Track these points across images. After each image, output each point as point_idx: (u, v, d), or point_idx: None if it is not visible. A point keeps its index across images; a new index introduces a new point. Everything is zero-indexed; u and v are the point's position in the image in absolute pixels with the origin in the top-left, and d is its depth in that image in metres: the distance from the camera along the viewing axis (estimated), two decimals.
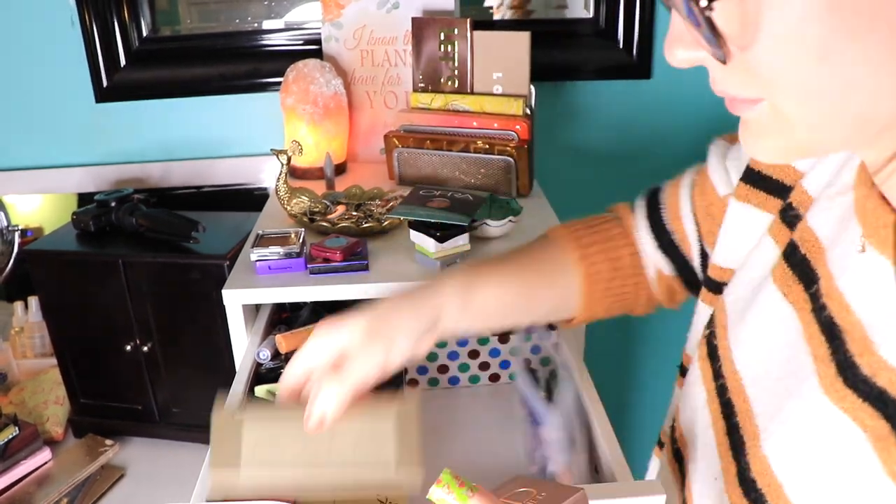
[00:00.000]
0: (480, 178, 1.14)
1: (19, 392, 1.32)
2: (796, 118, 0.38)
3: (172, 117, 1.39)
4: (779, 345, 0.50)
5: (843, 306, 0.44)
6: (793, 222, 0.53)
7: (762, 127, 0.40)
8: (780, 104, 0.38)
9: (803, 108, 0.37)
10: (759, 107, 0.39)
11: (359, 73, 1.31)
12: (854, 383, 0.41)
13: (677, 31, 0.40)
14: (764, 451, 0.48)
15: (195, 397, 1.23)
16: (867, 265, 0.43)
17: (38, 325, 1.36)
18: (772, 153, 0.41)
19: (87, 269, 1.17)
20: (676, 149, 1.46)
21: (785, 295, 0.50)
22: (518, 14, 1.42)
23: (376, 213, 1.07)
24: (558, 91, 1.41)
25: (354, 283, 0.91)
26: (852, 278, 0.44)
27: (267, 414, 0.61)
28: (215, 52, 1.36)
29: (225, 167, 1.41)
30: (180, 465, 1.22)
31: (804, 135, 0.39)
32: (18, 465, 1.17)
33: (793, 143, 0.40)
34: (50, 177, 1.40)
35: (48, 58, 1.34)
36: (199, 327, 1.16)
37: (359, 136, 1.34)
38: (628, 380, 1.68)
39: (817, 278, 0.47)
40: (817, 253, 0.48)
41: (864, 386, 0.41)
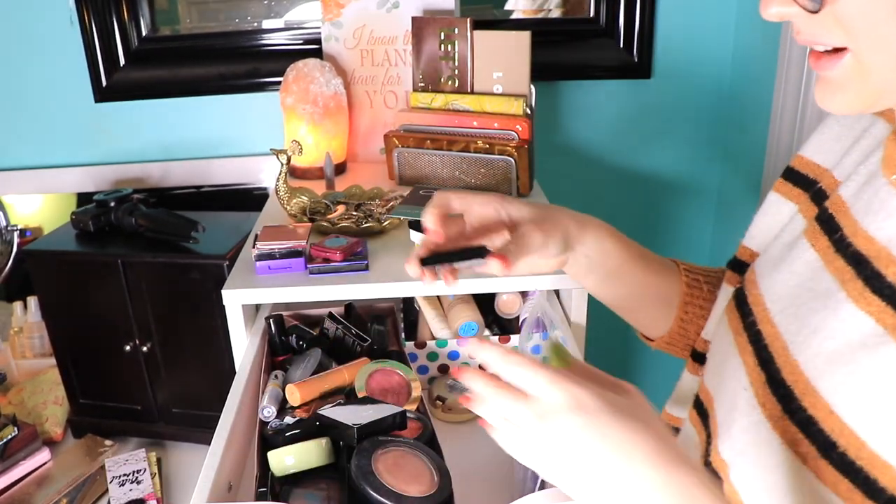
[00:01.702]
0: (480, 178, 1.14)
1: (18, 392, 1.32)
2: (873, 66, 0.45)
3: (172, 117, 1.39)
4: (804, 279, 0.57)
5: (867, 239, 0.52)
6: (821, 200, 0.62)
7: (842, 81, 0.48)
8: (861, 52, 0.45)
9: (880, 56, 0.45)
10: (842, 62, 0.47)
11: (359, 72, 1.31)
12: (880, 289, 0.49)
13: None
14: (795, 358, 0.54)
15: (195, 397, 1.22)
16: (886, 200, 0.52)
17: (38, 325, 1.36)
18: (846, 105, 0.49)
19: (87, 269, 1.17)
20: (676, 149, 1.46)
21: (812, 245, 0.59)
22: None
23: (376, 213, 1.07)
24: (558, 91, 1.41)
25: (354, 283, 0.90)
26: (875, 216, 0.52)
27: None
28: (215, 52, 1.36)
29: (224, 167, 1.41)
30: (180, 465, 1.22)
31: (877, 85, 0.46)
32: (17, 465, 1.17)
33: (865, 93, 0.47)
34: (49, 177, 1.40)
35: (47, 57, 1.34)
36: (198, 327, 1.16)
37: (359, 135, 1.34)
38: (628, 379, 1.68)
39: (841, 228, 0.56)
40: (842, 210, 0.57)
41: (888, 291, 0.48)
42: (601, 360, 1.32)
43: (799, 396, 0.53)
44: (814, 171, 0.66)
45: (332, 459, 0.77)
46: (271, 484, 0.74)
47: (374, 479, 0.68)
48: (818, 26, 0.46)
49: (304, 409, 0.85)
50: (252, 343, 0.94)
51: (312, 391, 0.87)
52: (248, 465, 0.85)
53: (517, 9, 1.41)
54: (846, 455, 0.48)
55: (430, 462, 0.73)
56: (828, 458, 0.49)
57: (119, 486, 1.14)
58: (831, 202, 0.59)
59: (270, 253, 0.92)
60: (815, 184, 0.65)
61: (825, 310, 0.53)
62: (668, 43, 1.38)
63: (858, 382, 0.48)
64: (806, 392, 0.52)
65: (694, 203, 1.52)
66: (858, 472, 0.47)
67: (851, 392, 0.49)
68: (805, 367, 0.53)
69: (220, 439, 0.75)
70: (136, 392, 1.24)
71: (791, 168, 0.68)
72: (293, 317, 1.08)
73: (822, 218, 0.59)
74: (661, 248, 1.58)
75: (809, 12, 0.45)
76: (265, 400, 0.85)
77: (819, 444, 0.50)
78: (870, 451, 0.46)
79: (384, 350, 1.01)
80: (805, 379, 0.53)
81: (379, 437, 0.74)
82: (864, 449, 0.47)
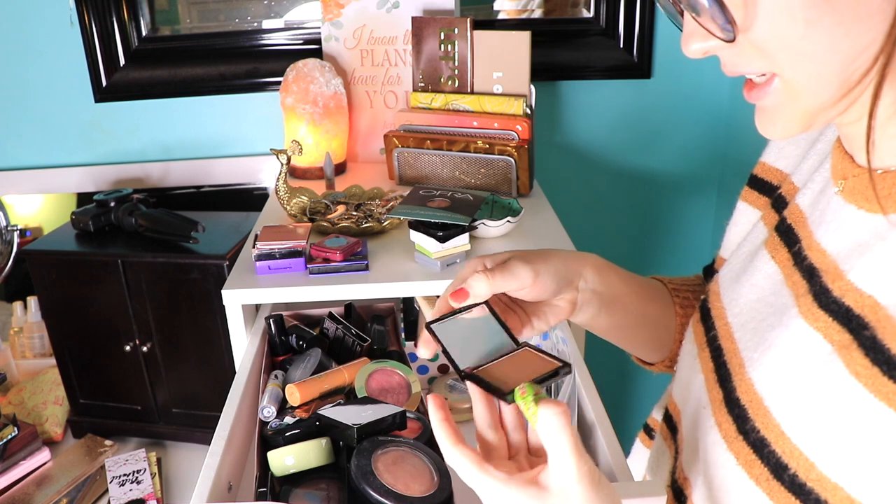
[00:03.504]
0: (480, 177, 1.14)
1: (18, 392, 1.32)
2: (801, 87, 0.45)
3: (172, 117, 1.39)
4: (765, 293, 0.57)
5: (820, 252, 0.52)
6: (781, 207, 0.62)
7: (776, 107, 0.47)
8: (786, 74, 0.45)
9: (804, 75, 0.45)
10: (772, 88, 0.47)
11: (359, 72, 1.31)
12: (826, 305, 0.49)
13: (690, 27, 0.47)
14: (749, 376, 0.54)
15: (195, 397, 1.22)
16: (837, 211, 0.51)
17: (38, 325, 1.36)
18: (785, 130, 0.49)
19: (87, 269, 1.17)
20: (676, 148, 1.46)
21: (772, 257, 0.58)
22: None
23: (376, 213, 1.07)
24: (558, 91, 1.41)
25: (354, 283, 0.90)
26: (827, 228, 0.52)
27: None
28: (215, 52, 1.36)
29: (224, 167, 1.41)
30: (180, 465, 1.22)
31: (810, 104, 0.46)
32: (17, 465, 1.17)
33: (801, 114, 0.47)
34: (49, 177, 1.40)
35: (47, 58, 1.34)
36: (198, 327, 1.16)
37: (359, 135, 1.34)
38: (628, 379, 1.68)
39: (799, 239, 0.55)
40: (800, 221, 0.57)
41: (834, 306, 0.48)
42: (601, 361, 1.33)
43: (752, 417, 0.52)
44: (775, 177, 0.65)
45: (332, 459, 0.77)
46: (271, 484, 0.74)
47: (374, 478, 0.68)
48: (740, 56, 0.46)
49: (304, 409, 0.85)
50: (252, 343, 0.94)
51: (312, 391, 0.86)
52: (248, 465, 0.85)
53: (503, 9, 1.41)
54: (797, 477, 0.48)
55: (430, 462, 0.73)
56: (780, 479, 0.49)
57: (119, 486, 1.14)
58: (790, 211, 0.59)
59: (270, 253, 0.92)
60: (776, 190, 0.64)
61: (780, 326, 0.53)
62: (668, 43, 1.38)
63: (806, 402, 0.48)
64: (759, 412, 0.52)
65: (694, 203, 1.52)
66: (809, 494, 0.47)
67: (800, 412, 0.49)
68: (758, 385, 0.53)
69: (219, 439, 0.75)
70: (136, 392, 1.24)
71: (754, 175, 0.68)
72: (293, 317, 1.08)
73: (782, 228, 0.59)
74: (661, 248, 1.59)
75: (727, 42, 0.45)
76: (265, 400, 0.85)
77: (771, 466, 0.50)
78: (819, 473, 0.46)
79: (384, 350, 1.01)
80: (759, 398, 0.52)
81: (379, 437, 0.74)
82: (814, 470, 0.47)
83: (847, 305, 0.47)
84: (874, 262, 0.47)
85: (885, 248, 0.46)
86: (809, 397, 0.48)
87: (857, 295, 0.47)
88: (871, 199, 0.48)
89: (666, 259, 1.58)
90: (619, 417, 1.60)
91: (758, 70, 0.47)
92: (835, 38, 0.42)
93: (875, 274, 0.47)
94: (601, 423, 0.76)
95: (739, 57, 0.46)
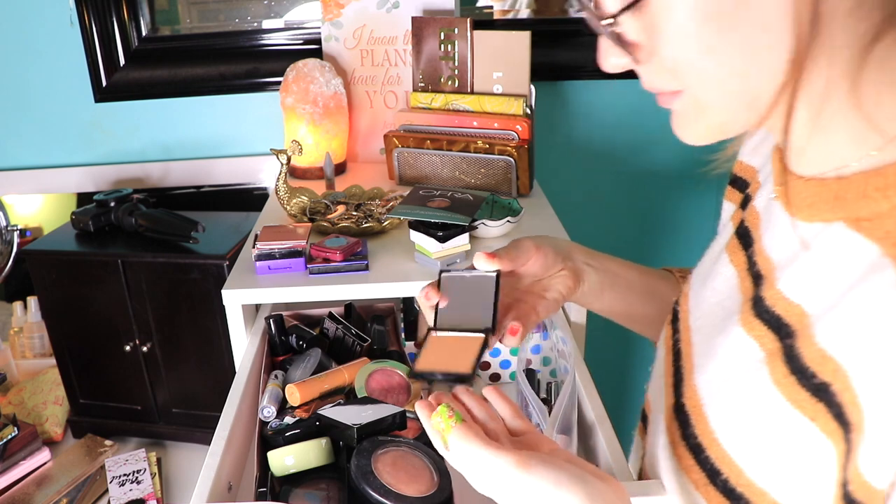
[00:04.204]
0: (480, 178, 1.14)
1: (18, 392, 1.32)
2: (708, 103, 0.47)
3: (172, 117, 1.39)
4: (722, 297, 0.58)
5: (765, 258, 0.53)
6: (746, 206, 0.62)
7: (686, 115, 0.49)
8: (693, 92, 0.47)
9: (708, 93, 0.46)
10: (681, 98, 0.48)
11: (359, 72, 1.31)
12: (760, 313, 0.50)
13: (606, 43, 0.48)
14: (695, 382, 0.56)
15: (195, 397, 1.22)
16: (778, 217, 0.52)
17: (38, 325, 1.36)
18: (696, 136, 0.50)
19: (87, 269, 1.17)
20: (676, 149, 1.46)
21: (731, 260, 0.59)
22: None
23: (376, 213, 1.07)
24: (558, 91, 1.41)
25: (354, 283, 0.90)
26: (772, 234, 0.53)
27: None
28: (215, 52, 1.36)
29: (224, 167, 1.41)
30: (180, 465, 1.22)
31: (717, 116, 0.47)
32: (17, 465, 1.17)
33: (711, 123, 0.48)
34: (49, 177, 1.40)
35: (47, 58, 1.34)
36: (198, 327, 1.16)
37: (359, 135, 1.34)
38: (628, 379, 1.68)
39: (752, 243, 0.56)
40: (755, 223, 0.57)
41: (767, 315, 0.49)
42: (601, 360, 1.33)
43: (693, 423, 0.54)
44: (748, 174, 0.65)
45: (332, 459, 0.77)
46: (271, 484, 0.74)
47: (374, 479, 0.68)
48: (653, 74, 0.47)
49: (304, 409, 0.85)
50: (252, 343, 0.94)
51: (312, 391, 0.86)
52: (248, 465, 0.85)
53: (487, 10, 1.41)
54: (728, 482, 0.49)
55: (430, 462, 0.73)
56: (714, 484, 0.51)
57: (119, 486, 1.14)
58: (748, 212, 0.59)
59: (270, 253, 0.92)
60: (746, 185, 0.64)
61: (723, 333, 0.54)
62: None
63: (736, 410, 0.50)
64: (699, 418, 0.53)
65: (694, 203, 1.52)
66: (739, 499, 0.48)
67: (731, 419, 0.50)
68: (701, 392, 0.54)
69: (219, 439, 0.75)
70: (136, 392, 1.24)
71: (733, 173, 0.68)
72: (293, 317, 1.08)
73: (740, 231, 0.59)
74: (662, 248, 1.58)
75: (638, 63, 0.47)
76: (265, 400, 0.85)
77: (707, 471, 0.52)
78: (747, 479, 0.48)
79: (384, 350, 1.01)
80: (700, 405, 0.54)
81: (379, 437, 0.74)
82: (742, 476, 0.48)
83: (777, 314, 0.48)
84: (800, 272, 0.48)
85: (810, 257, 0.47)
86: (739, 405, 0.49)
87: (786, 304, 0.48)
88: (801, 207, 0.49)
89: (666, 259, 1.57)
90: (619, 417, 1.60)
91: (669, 88, 0.48)
92: (736, 64, 0.43)
93: (801, 283, 0.47)
94: (601, 423, 0.76)
95: (652, 75, 0.48)
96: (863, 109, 0.43)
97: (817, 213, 0.47)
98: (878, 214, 0.43)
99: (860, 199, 0.44)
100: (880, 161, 0.43)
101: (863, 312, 0.41)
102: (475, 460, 0.52)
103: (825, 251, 0.46)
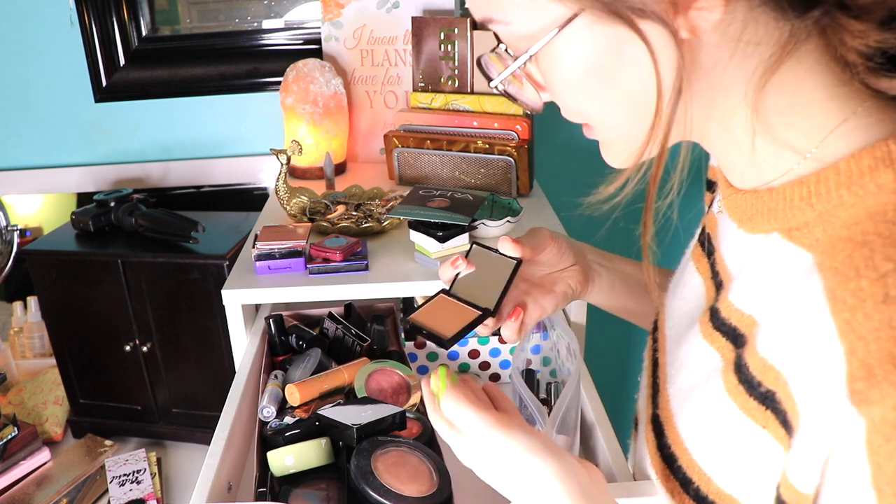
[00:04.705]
0: (480, 178, 1.14)
1: (18, 392, 1.32)
2: (606, 137, 0.52)
3: (172, 117, 1.39)
4: (690, 306, 0.59)
5: (724, 267, 0.54)
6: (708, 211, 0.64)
7: (602, 144, 0.54)
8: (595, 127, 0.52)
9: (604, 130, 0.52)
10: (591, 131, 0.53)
11: (359, 72, 1.31)
12: (717, 325, 0.51)
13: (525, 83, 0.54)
14: (668, 392, 0.57)
15: (195, 397, 1.22)
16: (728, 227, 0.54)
17: (38, 325, 1.36)
18: (615, 161, 0.54)
19: (87, 269, 1.17)
20: (675, 149, 1.46)
21: (697, 268, 0.61)
22: None
23: (376, 213, 1.07)
24: None
25: (354, 283, 0.90)
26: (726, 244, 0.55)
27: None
28: (215, 52, 1.36)
29: (224, 167, 1.41)
30: (180, 465, 1.22)
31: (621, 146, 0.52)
32: (17, 465, 1.17)
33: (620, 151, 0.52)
34: (49, 177, 1.40)
35: (48, 58, 1.34)
36: (198, 327, 1.16)
37: (359, 136, 1.34)
38: (628, 379, 1.68)
39: (714, 250, 0.57)
40: (714, 230, 0.58)
41: (723, 326, 0.51)
42: (601, 360, 1.33)
43: (667, 433, 0.55)
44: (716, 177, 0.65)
45: (332, 459, 0.77)
46: (271, 484, 0.74)
47: (374, 479, 0.68)
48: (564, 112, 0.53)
49: (304, 409, 0.85)
50: (252, 343, 0.94)
51: (312, 391, 0.86)
52: (247, 465, 0.85)
53: None
54: (700, 490, 0.51)
55: (430, 462, 0.73)
56: (687, 493, 0.52)
57: (119, 486, 1.14)
58: (708, 218, 0.61)
59: (270, 253, 0.92)
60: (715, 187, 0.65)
61: (688, 342, 0.55)
62: None
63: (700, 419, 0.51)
64: (671, 429, 0.55)
65: (694, 204, 1.52)
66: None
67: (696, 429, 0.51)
68: (672, 402, 0.56)
69: (219, 439, 0.75)
70: (136, 392, 1.24)
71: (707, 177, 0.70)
72: (293, 317, 1.08)
73: (702, 238, 0.61)
74: (661, 249, 1.58)
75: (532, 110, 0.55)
76: (265, 400, 0.85)
77: (680, 480, 0.53)
78: (716, 487, 0.49)
79: (384, 350, 1.01)
80: (671, 415, 0.55)
81: (378, 437, 0.74)
82: (711, 484, 0.49)
83: (733, 325, 0.50)
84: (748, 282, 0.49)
85: (756, 267, 0.49)
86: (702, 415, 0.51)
87: (739, 315, 0.49)
88: (742, 219, 0.51)
89: (665, 260, 1.57)
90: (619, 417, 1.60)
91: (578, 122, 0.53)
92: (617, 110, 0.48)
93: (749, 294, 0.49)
94: (601, 423, 0.76)
95: (565, 112, 0.53)
96: (772, 132, 0.46)
97: (757, 224, 0.49)
98: (806, 223, 0.45)
99: (788, 210, 0.46)
100: (804, 170, 0.45)
101: (795, 320, 0.42)
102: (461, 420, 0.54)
103: (766, 262, 0.48)
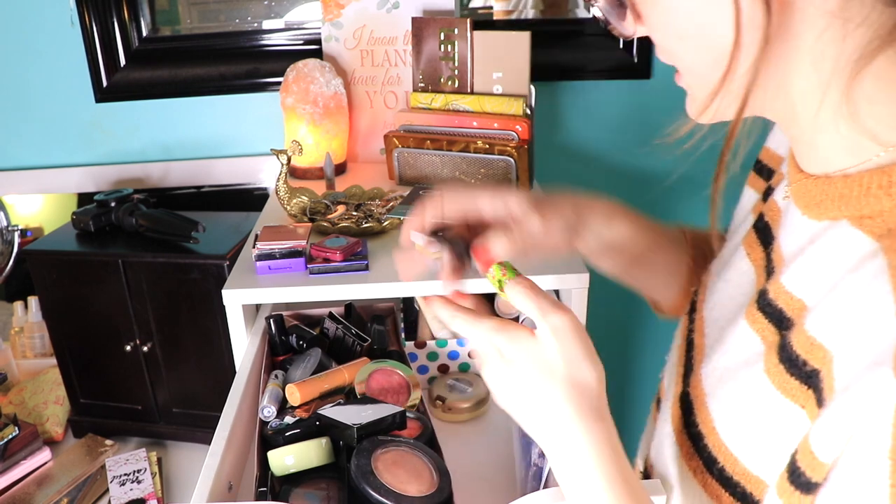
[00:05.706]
0: (480, 178, 1.14)
1: (19, 392, 1.32)
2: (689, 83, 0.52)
3: (172, 117, 1.39)
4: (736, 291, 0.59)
5: (779, 255, 0.54)
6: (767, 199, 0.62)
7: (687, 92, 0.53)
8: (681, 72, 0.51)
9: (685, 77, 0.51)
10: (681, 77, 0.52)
11: (359, 73, 1.31)
12: (763, 307, 0.51)
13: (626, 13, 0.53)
14: (701, 373, 0.57)
15: (195, 397, 1.23)
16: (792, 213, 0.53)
17: (38, 325, 1.36)
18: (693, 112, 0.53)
19: (87, 269, 1.17)
20: (676, 149, 1.46)
21: (748, 254, 0.59)
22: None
23: (376, 213, 1.07)
24: (558, 91, 1.41)
25: (354, 283, 0.91)
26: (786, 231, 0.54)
27: None
28: (215, 52, 1.36)
29: (225, 167, 1.41)
30: (180, 464, 1.22)
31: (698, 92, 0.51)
32: (18, 465, 1.17)
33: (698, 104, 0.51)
34: (49, 177, 1.40)
35: (48, 58, 1.34)
36: (199, 327, 1.16)
37: (359, 136, 1.34)
38: (629, 379, 1.68)
39: (772, 240, 0.56)
40: (775, 219, 0.57)
41: (769, 308, 0.50)
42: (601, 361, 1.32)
43: (696, 412, 0.55)
44: (774, 162, 0.65)
45: (332, 459, 0.77)
46: (271, 484, 0.74)
47: (374, 478, 0.68)
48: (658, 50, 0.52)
49: (304, 409, 0.85)
50: (252, 343, 0.95)
51: (312, 391, 0.87)
52: (248, 465, 0.85)
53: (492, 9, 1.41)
54: (725, 470, 0.51)
55: (430, 462, 0.73)
56: (711, 472, 0.52)
57: (119, 486, 1.14)
58: (768, 207, 0.60)
59: (270, 253, 0.92)
60: (771, 174, 0.65)
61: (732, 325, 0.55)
62: None
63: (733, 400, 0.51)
64: (701, 408, 0.55)
65: (694, 204, 1.52)
66: (736, 487, 0.50)
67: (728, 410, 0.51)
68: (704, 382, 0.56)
69: (220, 439, 0.75)
70: (137, 392, 1.24)
71: (758, 159, 0.68)
72: (293, 317, 1.08)
73: (759, 226, 0.60)
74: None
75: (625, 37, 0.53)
76: (265, 400, 0.85)
77: (704, 459, 0.53)
78: (742, 467, 0.49)
79: (384, 350, 1.01)
80: (703, 394, 0.55)
81: (379, 437, 0.74)
82: (738, 465, 0.50)
83: (780, 307, 0.49)
84: (803, 266, 0.49)
85: (814, 252, 0.48)
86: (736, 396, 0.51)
87: (788, 297, 0.49)
88: (810, 205, 0.50)
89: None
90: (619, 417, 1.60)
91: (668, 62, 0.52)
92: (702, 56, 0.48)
93: (803, 277, 0.48)
94: None
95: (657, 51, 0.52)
96: (859, 119, 0.45)
97: (825, 211, 0.48)
98: (880, 212, 0.44)
99: (863, 197, 0.45)
100: (886, 160, 0.44)
101: (851, 298, 0.42)
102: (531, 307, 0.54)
103: (828, 247, 0.47)
